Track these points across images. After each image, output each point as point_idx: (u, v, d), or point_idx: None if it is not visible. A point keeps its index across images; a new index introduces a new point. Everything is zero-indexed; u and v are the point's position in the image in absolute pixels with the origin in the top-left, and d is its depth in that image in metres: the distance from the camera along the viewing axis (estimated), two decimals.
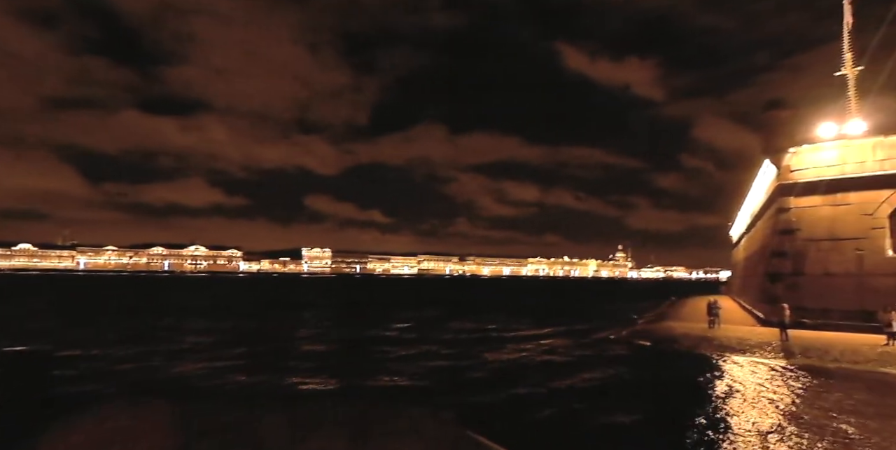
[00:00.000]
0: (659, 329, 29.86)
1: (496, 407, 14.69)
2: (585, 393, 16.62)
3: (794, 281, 27.30)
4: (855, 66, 33.75)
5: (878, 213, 25.27)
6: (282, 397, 15.72)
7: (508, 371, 20.13)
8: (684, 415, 13.64)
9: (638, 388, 17.81)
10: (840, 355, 20.67)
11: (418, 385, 17.45)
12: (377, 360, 22.43)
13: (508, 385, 17.48)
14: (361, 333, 31.83)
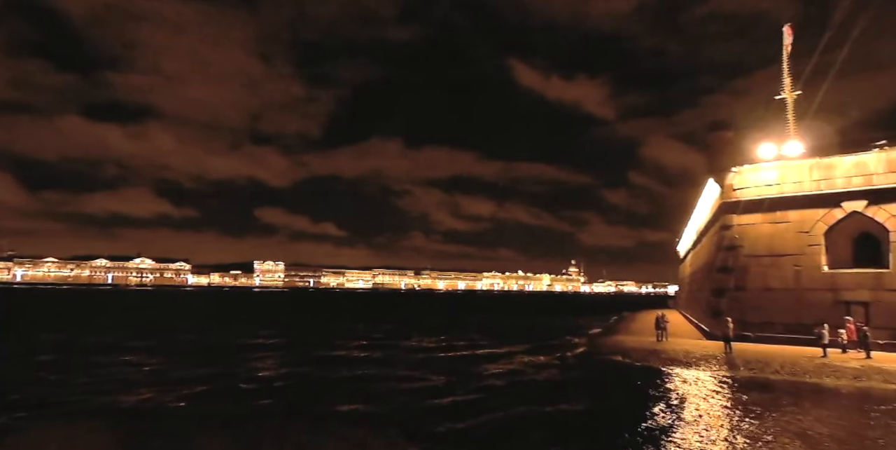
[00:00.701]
0: (610, 343, 30.41)
1: (441, 423, 14.66)
2: (537, 405, 16.75)
3: (736, 296, 28.27)
4: (793, 91, 35.46)
5: (815, 230, 26.49)
6: (223, 419, 15.26)
7: (456, 387, 20.07)
8: (633, 427, 13.94)
9: (589, 401, 18.05)
10: (780, 367, 21.49)
11: (368, 405, 17.25)
12: (327, 378, 22.09)
13: (456, 401, 17.48)
14: (312, 349, 31.32)
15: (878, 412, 15.42)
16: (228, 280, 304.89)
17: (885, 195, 24.65)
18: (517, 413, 15.84)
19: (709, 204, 36.76)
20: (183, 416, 15.36)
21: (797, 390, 18.66)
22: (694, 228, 49.96)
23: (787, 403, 16.78)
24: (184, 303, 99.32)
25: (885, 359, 21.42)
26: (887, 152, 24.85)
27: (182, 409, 16.11)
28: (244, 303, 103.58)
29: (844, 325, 23.07)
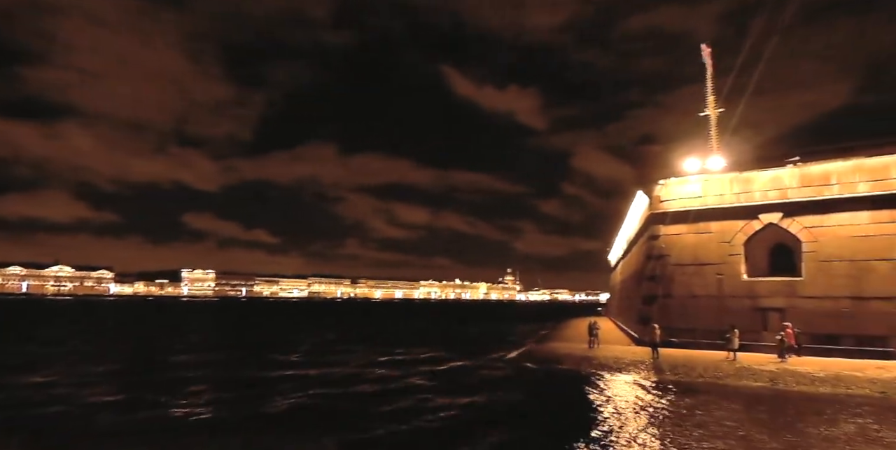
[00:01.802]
0: (544, 350, 31.02)
1: (377, 431, 14.61)
2: (472, 414, 16.92)
3: (663, 303, 29.47)
4: (716, 108, 37.44)
5: (735, 241, 27.98)
6: (152, 432, 14.70)
7: (394, 396, 20.04)
8: (565, 431, 14.31)
9: (522, 407, 18.38)
10: (703, 371, 22.53)
11: (303, 414, 16.99)
12: (260, 389, 21.59)
13: (392, 410, 17.46)
14: (244, 361, 30.52)
15: (788, 411, 16.43)
16: (154, 289, 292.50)
17: (798, 208, 26.32)
18: (450, 419, 15.96)
19: (638, 215, 38.19)
20: (107, 431, 14.68)
21: (719, 392, 19.64)
22: (624, 238, 51.72)
23: (710, 404, 17.66)
24: (105, 313, 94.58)
25: (798, 362, 22.77)
26: (800, 168, 26.58)
27: (107, 423, 15.40)
28: (170, 313, 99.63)
29: (784, 330, 24.26)
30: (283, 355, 32.73)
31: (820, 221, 25.78)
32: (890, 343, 23.40)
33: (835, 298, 24.92)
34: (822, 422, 15.12)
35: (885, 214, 24.34)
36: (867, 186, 24.73)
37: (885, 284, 23.99)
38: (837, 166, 25.55)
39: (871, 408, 16.87)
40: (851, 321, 24.12)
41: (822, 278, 25.45)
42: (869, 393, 18.71)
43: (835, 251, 25.27)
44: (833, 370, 20.79)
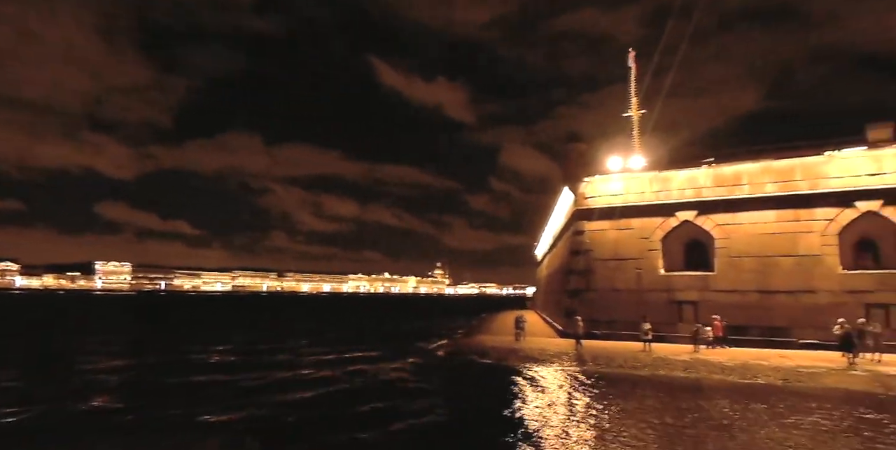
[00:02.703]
0: (471, 343, 31.39)
1: (304, 429, 14.40)
2: (399, 409, 16.92)
3: (586, 296, 30.43)
4: (638, 110, 38.92)
5: (653, 237, 29.22)
6: (64, 433, 13.93)
7: (321, 393, 19.79)
8: (491, 422, 14.56)
9: (449, 400, 18.55)
10: (623, 362, 23.47)
11: (226, 414, 16.50)
12: (178, 388, 20.82)
13: (320, 407, 17.25)
14: (161, 357, 29.31)
15: (700, 398, 17.39)
16: (65, 282, 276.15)
17: (712, 206, 27.78)
18: (378, 413, 15.91)
19: (564, 211, 39.19)
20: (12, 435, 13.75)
21: (636, 382, 20.57)
22: (551, 233, 52.99)
23: (628, 393, 18.49)
24: (18, 307, 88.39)
25: (710, 353, 24.04)
26: (714, 169, 28.04)
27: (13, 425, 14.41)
28: (82, 307, 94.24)
29: (711, 323, 25.46)
30: (204, 354, 31.64)
31: (731, 218, 27.31)
32: (791, 334, 25.11)
33: (743, 292, 26.50)
34: (730, 407, 16.09)
35: (789, 213, 26.08)
36: (774, 186, 26.40)
37: (788, 278, 25.72)
38: (747, 168, 27.13)
39: (773, 394, 18.09)
40: (758, 313, 25.71)
41: (732, 273, 27.00)
42: (773, 381, 20.04)
43: (744, 248, 26.86)
44: (741, 360, 22.11)
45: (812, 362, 21.11)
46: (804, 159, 26.00)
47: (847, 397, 17.67)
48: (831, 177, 25.37)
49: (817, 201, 25.55)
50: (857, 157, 25.16)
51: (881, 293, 24.01)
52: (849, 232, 25.22)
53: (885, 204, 24.38)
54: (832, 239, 25.29)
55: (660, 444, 12.47)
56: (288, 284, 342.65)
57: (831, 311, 23.93)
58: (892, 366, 20.01)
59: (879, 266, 24.75)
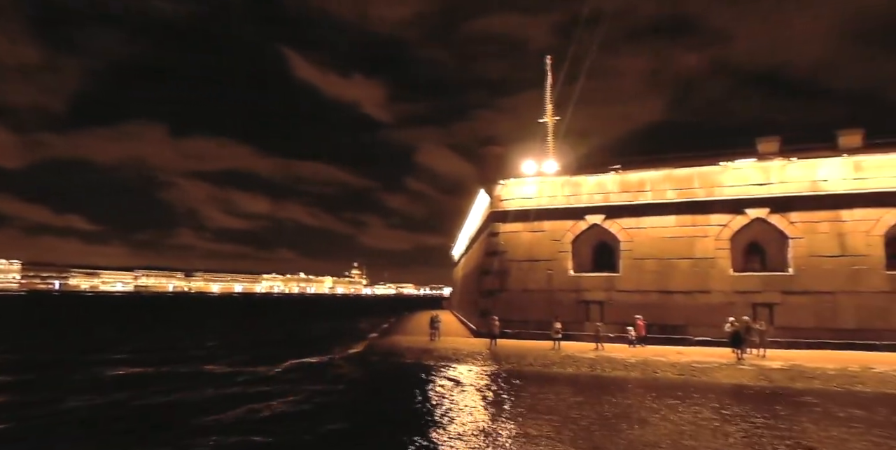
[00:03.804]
0: (387, 344, 31.42)
1: (209, 436, 14.00)
2: (313, 411, 16.74)
3: (500, 296, 31.18)
4: (553, 116, 40.23)
5: (564, 239, 30.35)
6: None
7: (227, 399, 19.27)
8: (405, 422, 14.69)
9: (364, 401, 18.54)
10: (534, 360, 24.25)
11: (111, 427, 15.76)
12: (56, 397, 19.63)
13: (228, 414, 16.78)
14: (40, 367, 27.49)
15: (604, 393, 18.29)
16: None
17: (618, 211, 29.21)
18: (291, 416, 15.68)
19: (480, 212, 39.94)
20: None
21: (546, 378, 21.41)
22: (467, 234, 53.81)
23: (538, 388, 19.19)
24: None
25: (613, 350, 25.23)
26: (621, 175, 29.48)
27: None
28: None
29: (634, 322, 26.58)
30: (100, 360, 29.91)
31: (635, 222, 28.83)
32: (688, 331, 26.78)
33: (645, 292, 28.03)
34: (631, 401, 17.07)
35: (687, 219, 27.85)
36: (674, 193, 28.12)
37: (686, 279, 27.45)
38: (651, 175, 28.73)
39: (671, 388, 19.32)
40: (658, 312, 27.24)
41: (635, 274, 28.48)
42: (671, 375, 21.36)
43: (646, 250, 28.41)
44: (642, 356, 23.38)
45: (706, 358, 22.61)
46: (701, 169, 27.87)
47: (734, 390, 19.14)
48: (725, 185, 27.34)
49: (712, 208, 27.46)
50: (748, 168, 27.24)
51: (767, 293, 26.09)
52: (739, 237, 27.24)
53: (771, 211, 26.52)
54: (725, 243, 27.22)
55: (565, 436, 13.05)
56: (196, 285, 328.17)
57: (723, 310, 25.73)
58: (775, 360, 21.78)
59: (765, 269, 26.90)
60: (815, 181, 26.07)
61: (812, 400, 17.38)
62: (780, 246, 26.64)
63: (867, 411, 15.87)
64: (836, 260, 25.43)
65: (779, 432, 13.56)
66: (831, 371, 20.18)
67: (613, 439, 13.02)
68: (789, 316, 25.51)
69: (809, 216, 26.03)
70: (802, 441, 12.79)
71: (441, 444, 12.70)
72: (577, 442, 12.71)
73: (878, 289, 24.60)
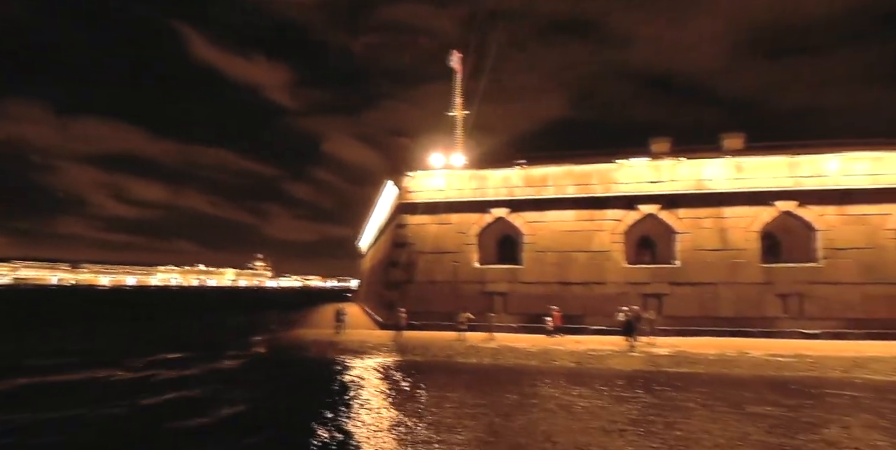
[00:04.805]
0: (291, 338, 30.77)
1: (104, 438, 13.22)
2: (213, 409, 16.12)
3: (406, 288, 31.30)
4: (462, 110, 40.68)
5: (470, 232, 30.87)
6: None
7: (128, 401, 18.23)
8: (308, 417, 14.47)
9: (266, 397, 18.07)
10: (439, 351, 24.59)
11: None
12: None
13: (121, 417, 15.90)
14: None
15: (505, 380, 18.87)
16: None
17: (522, 205, 30.06)
18: (190, 415, 15.05)
19: (387, 204, 39.82)
20: None
21: (450, 369, 21.92)
22: (374, 226, 53.50)
23: (442, 379, 19.54)
24: None
25: (514, 340, 25.96)
26: (525, 170, 30.31)
27: None
28: None
29: (551, 313, 27.09)
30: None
31: (538, 216, 29.79)
32: (585, 321, 28.03)
33: (546, 284, 29.07)
34: (529, 388, 17.75)
35: (585, 213, 29.12)
36: (574, 189, 29.31)
37: (583, 272, 28.73)
38: (553, 171, 29.77)
39: (567, 375, 20.28)
40: (558, 303, 28.24)
41: (537, 266, 29.46)
42: (568, 364, 22.37)
43: (548, 243, 29.46)
44: (542, 346, 24.25)
45: (600, 346, 23.78)
46: (599, 166, 29.20)
47: (625, 375, 20.34)
48: (621, 182, 28.82)
49: (609, 204, 28.86)
50: (642, 166, 28.83)
51: (656, 285, 27.79)
52: (633, 231, 28.84)
53: (662, 208, 28.21)
54: (619, 237, 28.70)
55: (467, 425, 13.35)
56: (84, 277, 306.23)
57: (617, 300, 27.11)
58: (663, 347, 23.25)
59: (655, 261, 28.66)
60: (700, 180, 28.01)
61: (695, 382, 18.79)
62: (668, 240, 28.43)
63: (741, 391, 17.40)
64: (717, 254, 27.48)
65: (665, 411, 14.56)
66: (712, 356, 21.85)
67: (513, 425, 13.48)
68: (676, 306, 27.33)
69: (695, 213, 27.95)
70: (687, 420, 13.81)
71: (344, 439, 12.62)
72: (478, 431, 13.04)
73: (753, 280, 26.85)
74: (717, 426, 13.37)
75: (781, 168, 27.40)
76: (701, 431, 12.97)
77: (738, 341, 24.94)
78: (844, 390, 17.82)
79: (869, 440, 12.33)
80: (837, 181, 26.83)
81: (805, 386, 18.40)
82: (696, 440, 12.22)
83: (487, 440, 12.29)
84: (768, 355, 21.64)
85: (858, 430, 13.22)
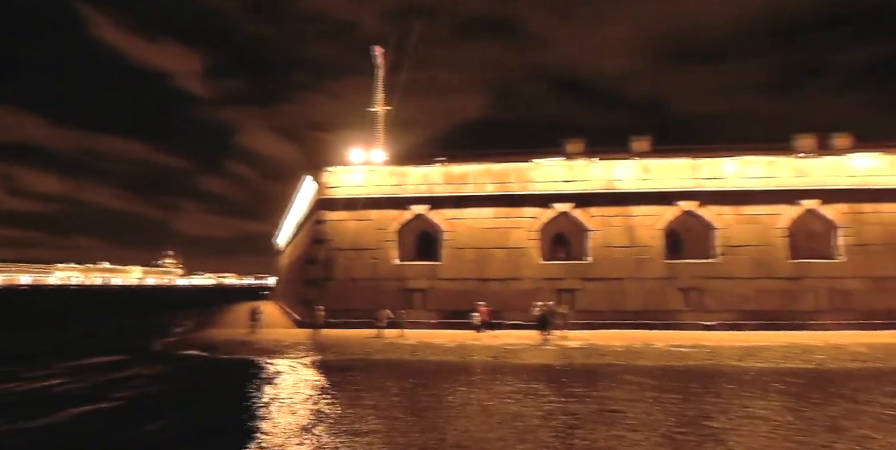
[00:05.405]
0: (202, 337, 29.72)
1: None
2: (118, 414, 15.33)
3: (326, 285, 30.91)
4: (384, 106, 40.56)
5: (390, 228, 30.87)
6: None
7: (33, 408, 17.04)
8: (219, 421, 14.07)
9: (176, 401, 17.34)
10: (357, 349, 24.48)
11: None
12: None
13: None
14: None
15: (424, 376, 19.07)
16: None
17: (442, 202, 30.38)
18: (92, 422, 14.27)
19: (306, 199, 39.11)
20: None
21: (368, 366, 21.85)
22: (293, 222, 52.37)
23: (360, 376, 19.54)
24: None
25: (434, 336, 26.17)
26: (445, 168, 30.66)
27: None
28: None
29: (478, 309, 27.31)
30: None
31: (457, 213, 30.23)
32: (502, 316, 28.64)
33: (464, 280, 29.55)
34: (449, 382, 18.09)
35: (503, 211, 29.85)
36: (493, 187, 29.98)
37: (501, 268, 29.41)
38: (472, 169, 30.30)
39: (484, 369, 20.74)
40: (476, 299, 28.75)
41: (456, 263, 29.89)
42: (485, 358, 22.83)
43: (467, 240, 29.95)
44: (459, 341, 24.62)
45: (516, 341, 24.43)
46: (517, 165, 30.01)
47: (540, 369, 21.00)
48: (537, 181, 29.75)
49: (525, 202, 29.72)
50: (557, 166, 29.87)
51: (569, 280, 28.88)
52: (548, 228, 29.84)
53: (575, 206, 29.33)
54: (535, 234, 29.61)
55: (385, 423, 13.38)
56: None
57: (532, 295, 27.92)
58: (575, 341, 24.17)
59: (569, 257, 29.77)
60: (611, 180, 29.34)
61: (604, 373, 19.69)
62: (581, 238, 29.58)
63: (647, 379, 18.46)
64: (625, 250, 28.86)
65: (579, 400, 15.21)
66: (619, 348, 22.94)
67: (431, 421, 13.63)
68: (587, 300, 28.49)
69: (605, 211, 29.23)
70: (603, 405, 14.47)
71: (258, 444, 12.28)
72: (396, 428, 13.07)
73: (657, 275, 28.41)
74: (627, 416, 14.08)
75: (684, 170, 29.12)
76: (609, 419, 13.62)
77: (644, 333, 26.27)
78: (740, 376, 19.24)
79: (755, 418, 13.37)
80: (734, 183, 28.83)
81: (704, 374, 19.69)
82: (607, 428, 12.83)
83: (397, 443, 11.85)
84: (671, 346, 22.99)
85: (750, 409, 14.30)
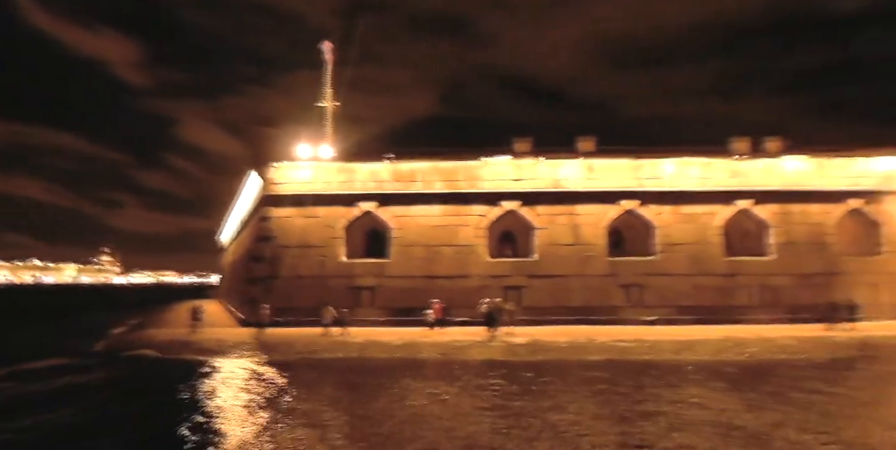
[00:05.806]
0: (140, 338, 28.76)
1: None
2: (49, 424, 14.68)
3: (271, 284, 30.35)
4: (332, 101, 40.14)
5: (337, 225, 30.56)
6: None
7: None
8: (161, 423, 13.67)
9: (111, 405, 16.73)
10: (303, 348, 24.21)
11: None
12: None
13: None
14: None
15: (369, 374, 19.07)
16: None
17: (390, 199, 30.28)
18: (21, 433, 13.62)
19: (251, 196, 38.28)
20: None
21: (314, 365, 21.70)
22: (237, 219, 51.17)
23: (305, 376, 19.38)
24: None
25: (382, 334, 26.08)
26: (394, 165, 30.57)
27: None
28: None
29: (432, 306, 27.16)
30: None
31: (406, 211, 30.19)
32: (450, 313, 28.75)
33: (412, 277, 29.57)
34: (394, 379, 18.12)
35: (452, 209, 30.02)
36: (442, 184, 30.10)
37: (449, 265, 29.59)
38: (421, 166, 30.33)
39: (431, 366, 20.93)
40: (424, 296, 28.79)
41: (404, 260, 29.87)
42: (433, 355, 23.01)
43: (415, 238, 29.96)
44: (408, 338, 24.65)
45: (464, 337, 24.62)
46: (465, 163, 30.22)
47: (487, 364, 21.28)
48: (485, 179, 30.06)
49: (473, 200, 29.96)
50: (505, 164, 30.25)
51: (516, 277, 29.31)
52: (496, 226, 30.19)
53: (522, 204, 29.76)
54: (483, 232, 29.90)
55: (332, 424, 13.26)
56: None
57: (480, 292, 28.17)
58: (521, 337, 24.54)
59: (516, 255, 30.25)
60: (557, 180, 29.91)
61: (549, 368, 20.10)
62: (527, 235, 30.07)
63: (590, 372, 19.03)
64: (570, 248, 29.50)
65: (526, 395, 15.49)
66: (564, 344, 23.47)
67: (378, 421, 13.60)
68: (533, 297, 28.98)
69: (552, 210, 29.79)
70: (544, 397, 14.76)
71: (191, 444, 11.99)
72: (343, 428, 12.97)
73: (600, 272, 29.18)
74: (571, 406, 14.43)
75: (627, 170, 29.97)
76: (553, 409, 13.92)
77: (587, 328, 26.88)
78: (677, 369, 20.00)
79: (689, 405, 13.95)
80: (673, 184, 29.86)
81: (644, 367, 20.37)
82: (549, 418, 13.11)
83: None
84: (613, 341, 23.64)
85: (684, 397, 14.89)
